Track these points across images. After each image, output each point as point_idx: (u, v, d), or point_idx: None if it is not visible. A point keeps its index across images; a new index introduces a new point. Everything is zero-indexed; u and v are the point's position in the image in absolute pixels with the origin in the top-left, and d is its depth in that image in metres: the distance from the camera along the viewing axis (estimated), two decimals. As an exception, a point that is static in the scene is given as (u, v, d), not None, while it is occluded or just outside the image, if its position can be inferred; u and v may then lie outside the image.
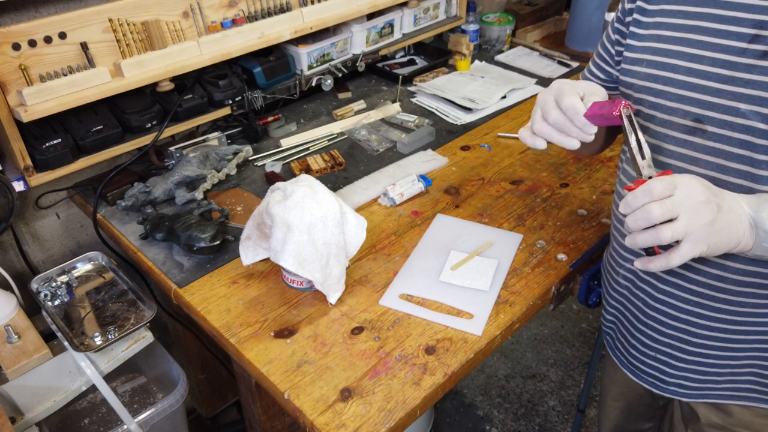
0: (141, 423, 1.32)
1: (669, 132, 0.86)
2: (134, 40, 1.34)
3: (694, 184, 0.71)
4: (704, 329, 0.91)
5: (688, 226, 0.70)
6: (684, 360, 0.96)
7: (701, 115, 0.82)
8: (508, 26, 2.14)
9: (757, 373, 0.92)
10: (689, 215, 0.70)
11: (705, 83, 0.81)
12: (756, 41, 0.76)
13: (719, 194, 0.73)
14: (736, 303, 0.87)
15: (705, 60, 0.81)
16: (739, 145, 0.79)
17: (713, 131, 0.81)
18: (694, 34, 0.82)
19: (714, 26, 0.80)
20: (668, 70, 0.85)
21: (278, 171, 1.50)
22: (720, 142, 0.81)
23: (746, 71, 0.77)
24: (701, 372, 0.96)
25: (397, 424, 0.91)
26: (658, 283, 0.94)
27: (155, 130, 1.45)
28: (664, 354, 0.98)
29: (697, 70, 0.82)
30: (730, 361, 0.93)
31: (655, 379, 1.03)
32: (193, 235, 1.21)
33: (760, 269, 0.84)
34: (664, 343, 0.97)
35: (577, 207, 1.35)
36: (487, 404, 2.19)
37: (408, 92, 1.88)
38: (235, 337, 1.05)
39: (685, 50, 0.83)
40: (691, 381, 0.98)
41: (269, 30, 1.53)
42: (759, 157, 0.78)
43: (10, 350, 1.17)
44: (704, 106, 0.81)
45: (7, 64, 1.20)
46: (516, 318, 1.08)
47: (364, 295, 1.13)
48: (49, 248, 1.53)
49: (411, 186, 1.38)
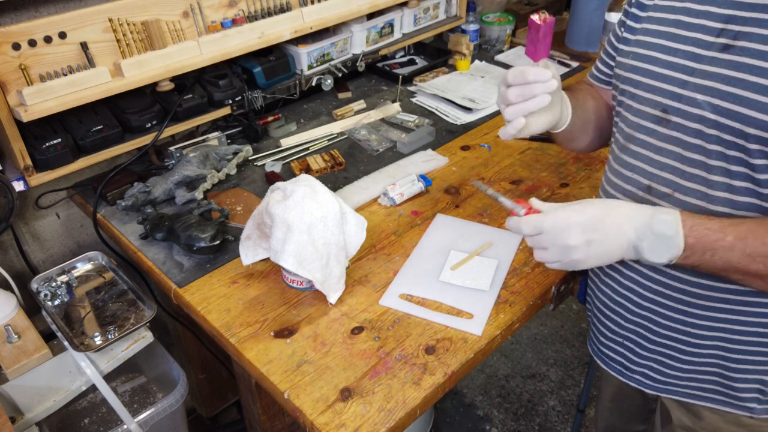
0: (141, 423, 1.32)
1: (641, 121, 0.89)
2: (134, 40, 1.34)
3: (563, 227, 0.80)
4: (666, 319, 0.93)
5: (555, 257, 0.83)
6: (648, 349, 0.98)
7: (667, 106, 0.85)
8: (508, 26, 2.14)
9: (720, 374, 0.93)
10: (556, 252, 0.82)
11: (674, 75, 0.83)
12: (722, 35, 0.78)
13: (596, 229, 0.79)
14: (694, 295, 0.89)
15: (678, 53, 0.83)
16: (694, 135, 0.82)
17: (675, 121, 0.84)
18: (673, 27, 0.85)
19: (690, 20, 0.83)
20: (648, 62, 0.88)
21: (278, 171, 1.50)
22: (679, 132, 0.83)
23: (708, 63, 0.79)
24: (664, 364, 0.97)
25: (397, 424, 0.91)
26: (625, 269, 0.96)
27: (155, 130, 1.44)
28: (630, 341, 1.00)
29: (670, 62, 0.84)
30: (692, 357, 0.94)
31: (622, 367, 1.04)
32: (193, 235, 1.20)
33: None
34: (630, 330, 0.99)
35: (577, 207, 1.35)
36: (487, 404, 2.19)
37: (408, 92, 1.88)
38: (235, 337, 1.05)
39: (664, 43, 0.86)
40: (655, 372, 0.99)
41: (269, 30, 1.53)
42: (710, 147, 0.80)
43: (10, 350, 1.17)
44: (671, 97, 0.84)
45: (7, 64, 1.20)
46: (516, 318, 1.08)
47: (364, 295, 1.13)
48: (49, 248, 1.53)
49: (411, 186, 1.38)
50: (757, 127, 0.74)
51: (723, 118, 0.77)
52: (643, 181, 0.89)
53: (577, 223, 0.80)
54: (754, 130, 0.75)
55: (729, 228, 0.76)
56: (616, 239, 0.79)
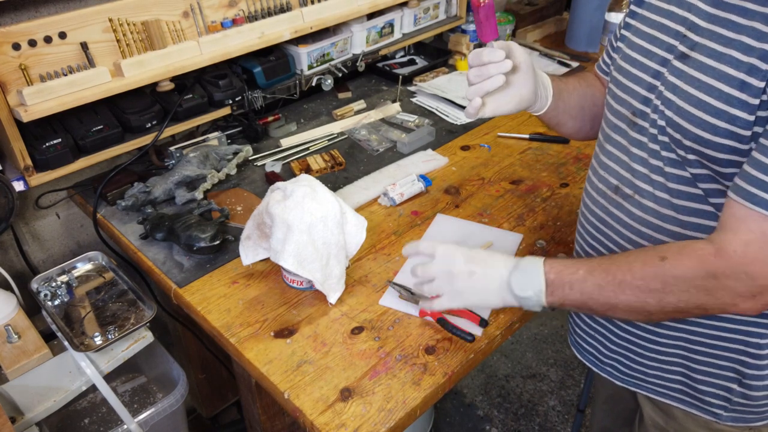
0: (141, 423, 1.32)
1: (616, 122, 0.90)
2: (134, 40, 1.34)
3: (451, 255, 0.87)
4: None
5: (441, 289, 0.88)
6: (616, 343, 0.99)
7: (636, 109, 0.85)
8: (508, 26, 2.14)
9: (686, 374, 0.93)
10: (442, 281, 0.88)
11: (645, 78, 0.84)
12: (684, 42, 0.78)
13: (477, 262, 0.87)
14: None
15: (652, 56, 0.84)
16: (652, 140, 0.82)
17: (641, 125, 0.84)
18: (653, 29, 0.85)
19: (667, 23, 0.82)
20: (628, 62, 0.88)
21: (278, 171, 1.50)
22: (643, 136, 0.84)
23: (669, 71, 0.80)
24: (631, 359, 0.98)
25: (397, 424, 0.91)
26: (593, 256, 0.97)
27: (155, 130, 1.44)
28: (599, 333, 1.01)
29: (644, 64, 0.85)
30: (656, 355, 0.94)
31: (594, 358, 1.05)
32: (193, 235, 1.20)
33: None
34: (599, 322, 1.00)
35: (577, 207, 1.35)
36: (487, 404, 2.19)
37: (408, 92, 1.88)
38: (235, 337, 1.05)
39: (643, 45, 0.86)
40: (624, 365, 1.00)
41: (269, 30, 1.53)
42: (663, 153, 0.81)
43: (10, 350, 1.17)
44: (640, 100, 0.84)
45: (7, 64, 1.20)
46: (516, 318, 1.08)
47: (364, 295, 1.13)
48: (49, 248, 1.53)
49: (411, 186, 1.38)
50: (691, 140, 0.75)
51: (669, 127, 0.79)
52: (613, 181, 0.90)
53: (462, 253, 0.87)
54: (689, 143, 0.76)
55: (582, 264, 0.81)
56: (492, 274, 0.85)
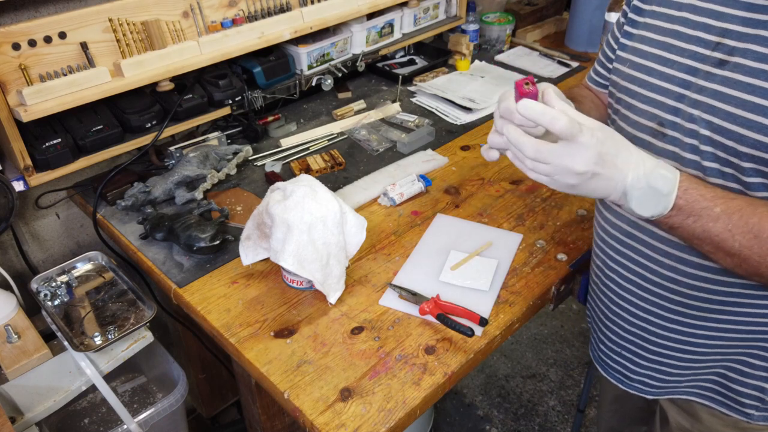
0: (141, 423, 1.32)
1: (637, 133, 0.88)
2: (134, 40, 1.34)
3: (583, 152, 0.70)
4: (663, 329, 0.93)
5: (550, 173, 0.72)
6: (647, 359, 0.98)
7: (664, 119, 0.83)
8: (508, 26, 2.14)
9: (723, 375, 0.93)
10: (557, 172, 0.72)
11: (671, 88, 0.82)
12: (717, 49, 0.77)
13: (606, 165, 0.71)
14: (691, 306, 0.88)
15: (675, 65, 0.82)
16: (689, 151, 0.80)
17: (671, 135, 0.82)
18: (671, 38, 0.83)
19: (687, 31, 0.81)
20: (645, 72, 0.86)
21: (278, 171, 1.50)
22: (675, 146, 0.82)
23: (703, 78, 0.78)
24: (664, 372, 0.97)
25: (397, 424, 0.91)
26: (620, 279, 0.96)
27: (155, 130, 1.44)
28: (629, 351, 1.00)
29: (667, 74, 0.82)
30: (692, 363, 0.94)
31: (621, 375, 1.04)
32: (192, 235, 1.20)
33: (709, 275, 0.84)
34: (628, 340, 0.99)
35: (576, 207, 1.35)
36: (487, 404, 2.19)
37: (408, 92, 1.88)
38: (235, 337, 1.05)
39: (661, 54, 0.84)
40: (655, 380, 0.99)
41: (269, 30, 1.53)
42: (705, 163, 0.79)
43: (10, 350, 1.17)
44: (667, 111, 0.82)
45: (7, 64, 1.20)
46: (516, 318, 1.08)
47: (363, 295, 1.13)
48: (49, 248, 1.53)
49: (411, 186, 1.38)
50: (750, 146, 0.74)
51: (717, 135, 0.76)
52: None
53: (598, 154, 0.71)
54: (747, 149, 0.74)
55: (720, 200, 0.73)
56: (615, 180, 0.73)
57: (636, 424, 1.26)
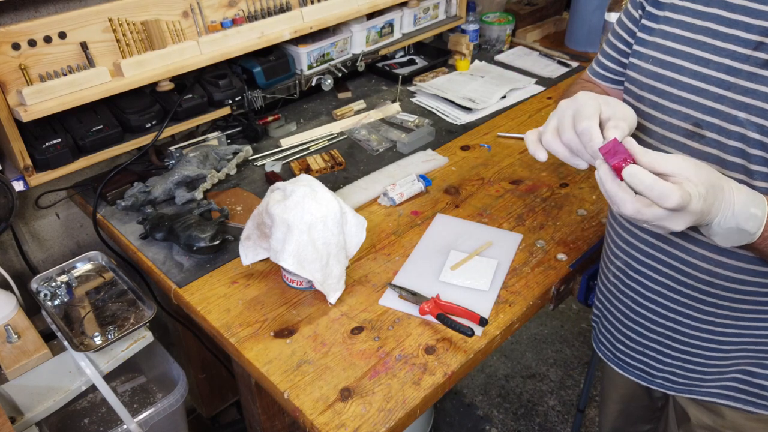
0: (141, 423, 1.32)
1: (667, 134, 0.85)
2: (134, 39, 1.34)
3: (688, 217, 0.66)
4: (692, 329, 0.92)
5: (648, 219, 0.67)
6: (671, 356, 0.97)
7: (701, 120, 0.80)
8: (508, 26, 2.14)
9: (746, 371, 0.92)
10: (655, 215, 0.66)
11: (708, 88, 0.79)
12: (760, 49, 0.74)
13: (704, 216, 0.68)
14: (724, 307, 0.88)
15: (710, 64, 0.79)
16: (734, 154, 0.78)
17: (711, 137, 0.79)
18: (702, 35, 0.80)
19: (722, 29, 0.78)
20: (673, 70, 0.82)
21: (278, 171, 1.50)
22: (717, 149, 0.79)
23: (747, 79, 0.75)
24: (688, 369, 0.97)
25: (397, 424, 0.91)
26: (648, 282, 0.94)
27: (155, 130, 1.44)
28: (652, 350, 0.99)
29: (701, 73, 0.79)
30: (717, 361, 0.93)
31: (643, 372, 1.04)
32: (192, 235, 1.20)
33: (747, 277, 0.84)
34: (653, 339, 0.98)
35: (576, 207, 1.35)
36: (487, 404, 2.19)
37: (408, 92, 1.88)
38: (234, 337, 1.05)
39: (691, 51, 0.81)
40: (679, 377, 0.99)
41: (269, 30, 1.53)
42: (752, 167, 0.77)
43: (10, 350, 1.17)
44: (705, 111, 0.79)
45: (7, 64, 1.20)
46: (516, 318, 1.08)
47: (363, 295, 1.13)
48: (48, 248, 1.53)
49: (411, 186, 1.38)
50: None
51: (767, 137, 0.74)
52: None
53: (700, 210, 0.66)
54: None
55: None
56: (704, 220, 0.69)
57: (641, 423, 1.26)
